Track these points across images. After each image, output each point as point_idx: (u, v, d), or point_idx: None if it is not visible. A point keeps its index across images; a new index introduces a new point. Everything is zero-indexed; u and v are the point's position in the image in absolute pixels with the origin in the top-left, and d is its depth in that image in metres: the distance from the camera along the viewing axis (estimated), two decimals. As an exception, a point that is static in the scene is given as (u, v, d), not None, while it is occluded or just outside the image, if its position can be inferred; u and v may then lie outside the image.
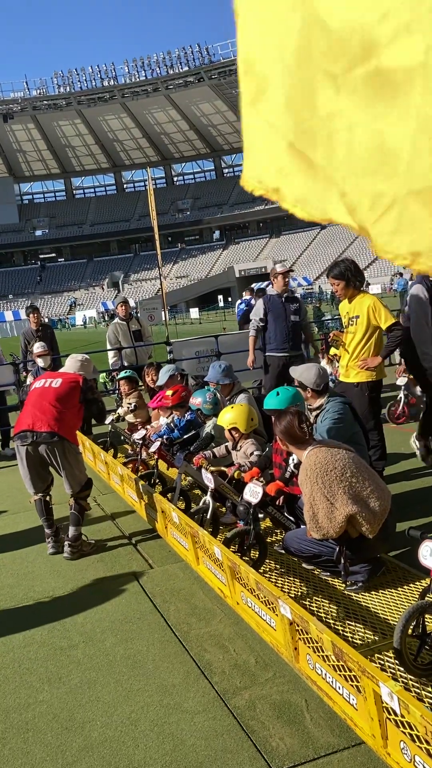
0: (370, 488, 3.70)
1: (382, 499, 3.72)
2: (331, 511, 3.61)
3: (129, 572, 4.89)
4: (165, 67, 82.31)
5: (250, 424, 5.10)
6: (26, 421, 5.29)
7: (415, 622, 2.90)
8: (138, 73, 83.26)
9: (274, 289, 7.80)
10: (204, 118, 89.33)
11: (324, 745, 2.79)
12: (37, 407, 5.31)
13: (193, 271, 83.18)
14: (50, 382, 5.48)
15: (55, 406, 5.29)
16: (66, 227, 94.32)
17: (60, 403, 5.32)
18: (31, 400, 5.45)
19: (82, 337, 42.22)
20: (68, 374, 5.64)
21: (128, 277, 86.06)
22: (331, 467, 3.68)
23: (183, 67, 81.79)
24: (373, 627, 3.46)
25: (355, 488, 3.67)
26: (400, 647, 2.83)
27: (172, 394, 6.49)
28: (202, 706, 3.17)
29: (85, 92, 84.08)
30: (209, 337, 11.27)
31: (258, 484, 4.21)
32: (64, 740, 3.05)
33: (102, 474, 7.80)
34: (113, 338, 10.32)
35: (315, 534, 3.69)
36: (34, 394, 5.47)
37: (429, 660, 2.94)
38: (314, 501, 3.65)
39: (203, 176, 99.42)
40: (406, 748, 2.44)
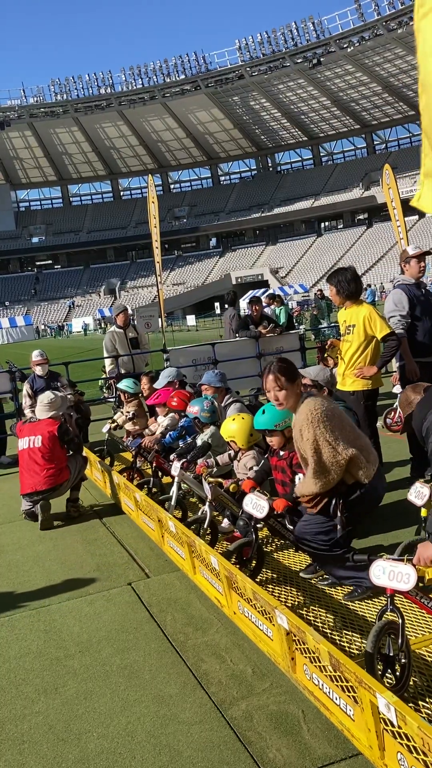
0: (363, 436, 4.00)
1: (372, 451, 3.97)
2: (334, 454, 3.72)
3: (125, 581, 4.87)
4: (162, 75, 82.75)
5: (249, 439, 5.09)
6: (28, 483, 6.43)
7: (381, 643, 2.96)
8: (135, 81, 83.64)
9: (407, 277, 6.40)
10: (200, 126, 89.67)
11: (321, 756, 2.78)
12: (31, 471, 6.42)
13: (190, 279, 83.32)
14: (32, 441, 6.48)
15: (45, 465, 6.39)
16: (63, 234, 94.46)
17: (47, 460, 6.40)
18: (24, 464, 6.50)
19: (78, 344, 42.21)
20: (44, 425, 6.53)
21: (125, 284, 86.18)
22: (331, 413, 3.81)
23: (180, 75, 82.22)
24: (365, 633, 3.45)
25: (352, 434, 3.87)
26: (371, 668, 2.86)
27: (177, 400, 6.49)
28: (199, 716, 3.15)
29: (82, 100, 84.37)
30: (206, 344, 11.28)
31: (262, 497, 4.10)
32: (59, 752, 3.03)
33: (98, 482, 7.78)
34: (110, 346, 10.32)
35: (316, 484, 3.73)
36: (24, 457, 6.50)
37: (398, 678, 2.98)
38: (318, 445, 3.73)
39: (200, 184, 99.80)
40: (404, 760, 2.43)
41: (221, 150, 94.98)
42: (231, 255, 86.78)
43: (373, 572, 2.95)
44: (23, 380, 10.09)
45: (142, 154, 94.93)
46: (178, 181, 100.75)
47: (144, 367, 10.47)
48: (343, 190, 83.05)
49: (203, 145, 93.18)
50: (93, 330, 68.18)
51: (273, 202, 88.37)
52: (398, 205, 12.02)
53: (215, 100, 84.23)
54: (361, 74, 77.15)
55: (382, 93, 79.67)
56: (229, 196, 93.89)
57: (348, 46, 73.28)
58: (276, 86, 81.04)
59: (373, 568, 2.95)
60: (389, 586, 2.89)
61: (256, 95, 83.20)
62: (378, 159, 80.00)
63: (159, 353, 11.58)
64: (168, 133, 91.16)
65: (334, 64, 76.26)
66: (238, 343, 11.12)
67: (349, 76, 78.01)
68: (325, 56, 75.00)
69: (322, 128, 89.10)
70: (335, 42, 73.62)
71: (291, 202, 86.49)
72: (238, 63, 79.84)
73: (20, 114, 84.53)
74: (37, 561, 5.55)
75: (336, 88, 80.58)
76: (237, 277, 77.84)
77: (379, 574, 2.92)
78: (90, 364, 16.03)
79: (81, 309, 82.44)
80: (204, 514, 4.98)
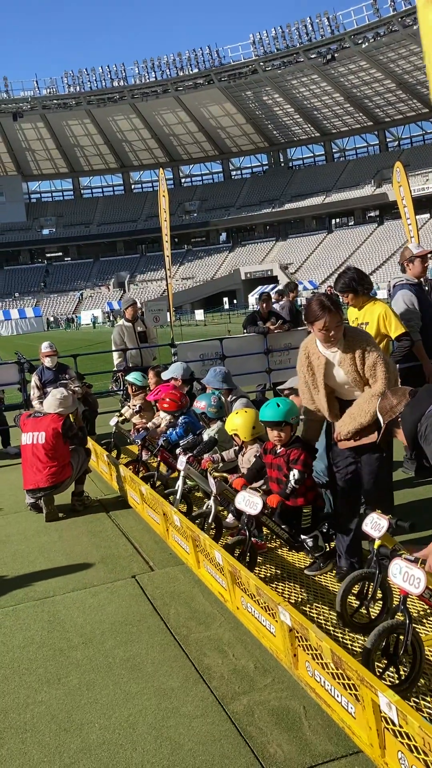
0: None
1: None
2: (392, 369, 4.18)
3: (129, 574, 4.89)
4: (175, 69, 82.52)
5: (252, 432, 5.09)
6: (31, 480, 6.45)
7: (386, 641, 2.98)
8: (148, 74, 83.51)
9: (411, 277, 6.33)
10: (213, 120, 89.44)
11: (321, 753, 2.79)
12: (33, 467, 6.43)
13: (199, 273, 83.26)
14: (36, 438, 6.47)
15: (48, 463, 6.40)
16: (73, 227, 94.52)
17: (50, 457, 6.41)
18: (26, 459, 6.52)
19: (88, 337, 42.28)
20: (48, 422, 6.52)
21: (134, 277, 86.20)
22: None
23: (193, 68, 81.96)
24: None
25: None
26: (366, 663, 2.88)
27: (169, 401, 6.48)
28: (201, 710, 3.17)
29: (94, 92, 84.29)
30: (214, 339, 11.27)
31: (255, 494, 4.18)
32: (62, 741, 3.05)
33: (105, 475, 7.81)
34: (119, 339, 10.33)
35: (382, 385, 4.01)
36: (27, 453, 6.51)
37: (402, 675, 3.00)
38: (384, 360, 4.10)
39: (211, 178, 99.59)
40: (404, 759, 2.44)
41: (233, 144, 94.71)
42: (241, 250, 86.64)
43: (391, 570, 2.96)
44: (32, 371, 10.12)
45: (154, 148, 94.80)
46: (190, 175, 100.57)
47: (152, 360, 10.48)
48: (355, 187, 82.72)
49: (215, 139, 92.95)
50: (102, 323, 68.26)
51: (284, 198, 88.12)
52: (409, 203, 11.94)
53: (228, 94, 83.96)
54: (375, 70, 76.69)
55: (395, 90, 79.19)
56: (240, 191, 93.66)
57: (363, 42, 72.85)
58: (289, 81, 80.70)
59: (392, 566, 2.95)
60: (402, 587, 2.89)
61: (269, 90, 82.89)
62: (390, 156, 79.54)
63: (167, 347, 11.58)
64: (180, 126, 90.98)
65: (348, 59, 75.83)
66: (246, 339, 11.11)
67: (363, 72, 77.55)
68: (339, 52, 74.61)
69: (334, 124, 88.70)
70: (350, 38, 73.21)
71: (302, 198, 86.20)
72: (251, 57, 79.54)
73: (33, 105, 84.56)
74: (42, 552, 5.57)
75: (349, 84, 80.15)
76: (246, 272, 77.70)
77: (395, 573, 2.92)
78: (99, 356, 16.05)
79: (90, 301, 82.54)
80: (209, 509, 4.99)
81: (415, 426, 3.18)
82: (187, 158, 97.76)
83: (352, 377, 4.11)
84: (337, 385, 4.22)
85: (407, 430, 3.24)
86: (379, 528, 3.39)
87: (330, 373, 4.18)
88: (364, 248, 74.46)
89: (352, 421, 4.08)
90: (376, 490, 4.20)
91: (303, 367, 4.29)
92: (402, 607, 2.94)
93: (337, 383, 4.21)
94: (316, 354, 4.20)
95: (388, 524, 3.35)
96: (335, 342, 4.09)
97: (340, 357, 4.13)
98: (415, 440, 3.21)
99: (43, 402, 7.45)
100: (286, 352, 10.60)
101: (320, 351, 4.19)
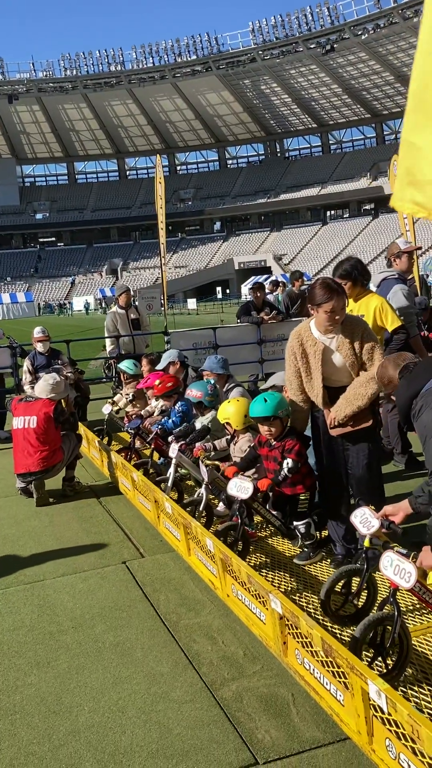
0: None
1: None
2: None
3: (120, 560, 4.90)
4: (173, 55, 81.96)
5: (244, 420, 5.10)
6: (22, 464, 6.42)
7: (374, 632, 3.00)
8: (145, 60, 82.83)
9: (397, 270, 6.40)
10: (210, 107, 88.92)
11: (309, 740, 2.82)
12: (24, 452, 6.40)
13: (193, 262, 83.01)
14: (27, 422, 6.43)
15: (39, 447, 6.37)
16: (67, 212, 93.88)
17: (41, 442, 6.38)
18: (18, 443, 6.49)
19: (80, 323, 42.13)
20: (39, 406, 6.49)
21: (127, 264, 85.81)
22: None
23: (191, 55, 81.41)
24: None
25: None
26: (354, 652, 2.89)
27: (159, 384, 6.51)
28: (190, 695, 3.19)
29: (91, 76, 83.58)
30: (208, 329, 11.26)
31: (245, 479, 4.22)
32: (51, 724, 3.07)
33: (96, 461, 7.80)
34: (111, 326, 10.31)
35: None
36: (18, 437, 6.48)
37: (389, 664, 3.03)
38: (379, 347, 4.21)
39: (206, 166, 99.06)
40: (392, 746, 2.47)
41: (229, 133, 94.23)
42: (235, 240, 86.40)
43: (382, 562, 2.97)
44: (24, 356, 10.09)
45: (150, 134, 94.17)
46: (185, 163, 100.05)
47: (145, 348, 10.46)
48: (351, 179, 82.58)
49: (212, 127, 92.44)
50: (94, 309, 68.00)
51: (279, 188, 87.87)
52: (406, 197, 11.93)
53: (226, 82, 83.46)
54: (374, 63, 76.39)
55: (394, 83, 78.91)
56: (235, 180, 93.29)
57: (362, 33, 72.52)
58: (288, 71, 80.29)
59: (384, 558, 2.97)
60: (393, 580, 2.91)
61: (267, 79, 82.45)
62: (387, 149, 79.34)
63: (160, 335, 11.57)
64: (177, 113, 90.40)
65: (347, 51, 75.49)
66: (239, 329, 11.12)
67: (362, 64, 77.24)
68: (339, 42, 74.25)
69: (332, 116, 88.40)
70: (349, 29, 72.85)
71: (297, 189, 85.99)
72: (250, 46, 79.05)
73: (29, 88, 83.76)
74: (32, 536, 5.58)
75: (348, 76, 79.82)
76: (240, 262, 77.56)
77: (386, 566, 2.94)
78: (91, 343, 16.02)
79: (82, 287, 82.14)
80: (200, 497, 5.00)
81: (410, 402, 3.17)
82: (183, 146, 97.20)
83: (350, 361, 4.14)
84: (331, 372, 4.24)
85: (401, 405, 3.23)
86: (369, 526, 3.35)
87: (327, 359, 4.19)
88: (359, 241, 74.42)
89: (349, 405, 4.10)
90: (369, 477, 4.22)
91: (295, 355, 4.29)
92: (391, 599, 2.96)
93: (332, 369, 4.23)
94: (312, 340, 4.21)
95: (379, 524, 3.31)
96: (338, 326, 4.12)
97: (338, 342, 4.15)
98: (408, 416, 3.20)
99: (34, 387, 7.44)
100: (279, 342, 10.61)
101: (316, 337, 4.20)
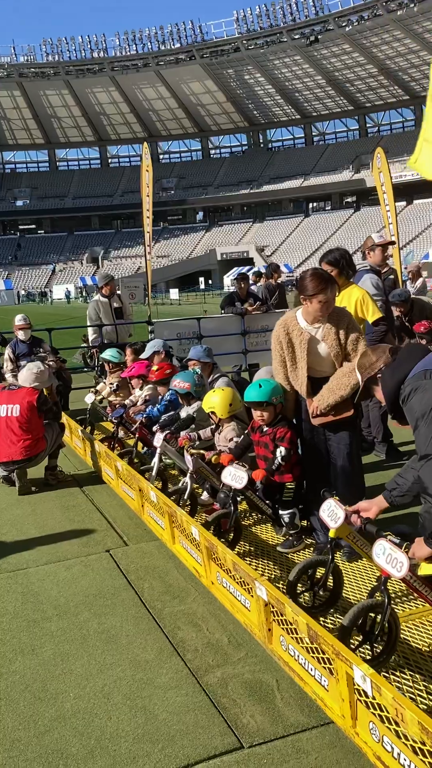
0: None
1: None
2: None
3: (103, 548, 4.91)
4: (156, 43, 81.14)
5: (228, 409, 5.12)
6: (4, 453, 6.36)
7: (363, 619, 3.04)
8: (129, 47, 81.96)
9: (370, 263, 6.51)
10: (193, 97, 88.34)
11: (294, 724, 2.86)
12: (7, 440, 6.34)
13: (175, 252, 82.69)
14: (10, 410, 6.38)
15: (22, 435, 6.32)
16: (47, 199, 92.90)
17: (24, 430, 6.33)
18: (0, 432, 6.40)
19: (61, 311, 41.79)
20: (23, 394, 6.43)
21: (108, 253, 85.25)
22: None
23: (175, 43, 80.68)
24: (344, 611, 3.52)
25: None
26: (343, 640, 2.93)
27: (157, 370, 6.49)
28: (175, 682, 3.22)
29: (74, 62, 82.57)
30: (191, 319, 11.25)
31: (241, 468, 4.23)
32: (36, 710, 3.08)
33: (78, 450, 7.78)
34: (94, 315, 10.25)
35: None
36: (1, 425, 6.40)
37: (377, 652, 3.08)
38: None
39: (189, 156, 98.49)
40: (375, 729, 2.51)
41: (213, 123, 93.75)
42: (217, 230, 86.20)
43: (374, 550, 3.00)
44: (5, 344, 10.02)
45: (133, 122, 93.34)
46: (168, 152, 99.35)
47: (127, 337, 10.42)
48: (333, 171, 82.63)
49: (195, 116, 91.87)
50: (75, 298, 67.51)
51: (262, 179, 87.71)
52: (389, 190, 11.96)
53: (209, 71, 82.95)
54: (357, 55, 76.35)
55: (377, 75, 79.02)
56: (218, 170, 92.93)
57: (347, 25, 72.36)
58: (272, 61, 79.98)
59: (376, 546, 2.99)
60: (385, 569, 2.94)
61: (251, 69, 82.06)
62: (369, 142, 79.62)
63: (143, 325, 11.53)
64: (160, 102, 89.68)
65: (331, 42, 75.35)
66: (223, 320, 11.12)
67: (346, 56, 77.15)
68: (323, 34, 74.08)
69: (315, 107, 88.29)
70: (334, 20, 72.66)
71: (280, 180, 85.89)
72: (234, 35, 78.58)
73: (9, 72, 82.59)
74: (15, 524, 5.56)
75: (332, 68, 79.71)
76: (222, 253, 77.44)
77: (379, 554, 2.96)
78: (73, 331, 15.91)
79: (62, 275, 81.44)
80: (185, 486, 5.02)
81: (397, 388, 3.13)
82: (166, 134, 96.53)
83: (335, 351, 4.20)
84: (316, 362, 4.28)
85: (388, 392, 3.19)
86: (335, 518, 3.36)
87: (312, 349, 4.24)
88: (340, 233, 74.60)
89: (331, 395, 4.14)
90: (350, 467, 4.28)
91: (281, 345, 4.33)
92: (382, 587, 3.00)
93: (316, 359, 4.27)
94: (298, 330, 4.24)
95: (345, 515, 3.32)
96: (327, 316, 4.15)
97: (324, 332, 4.20)
98: (395, 403, 3.16)
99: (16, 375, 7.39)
100: (263, 333, 10.64)
101: (302, 327, 4.24)
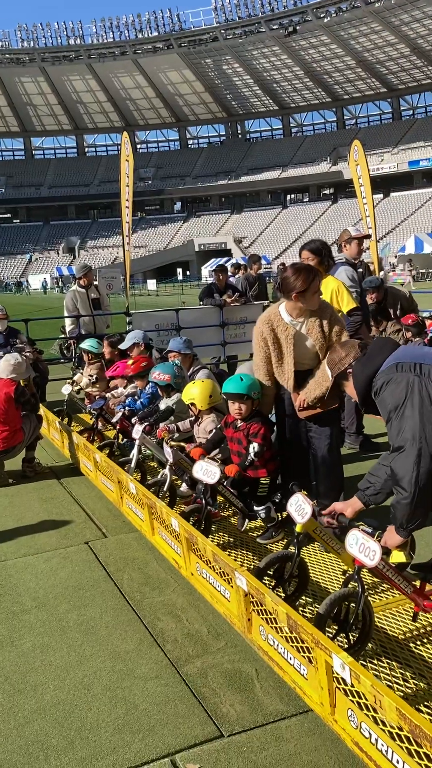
0: None
1: None
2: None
3: (82, 540, 4.90)
4: (134, 30, 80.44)
5: (209, 400, 5.13)
6: None
7: (338, 609, 3.09)
8: (106, 35, 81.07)
9: (345, 256, 6.60)
10: (171, 86, 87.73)
11: (273, 712, 2.89)
12: None
13: (152, 242, 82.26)
14: None
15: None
16: (23, 188, 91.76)
17: (1, 422, 6.31)
18: None
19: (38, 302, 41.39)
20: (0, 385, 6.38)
21: (85, 243, 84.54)
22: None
23: (152, 32, 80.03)
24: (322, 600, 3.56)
25: None
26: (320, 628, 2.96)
27: (133, 364, 6.48)
28: (155, 672, 3.23)
29: (49, 49, 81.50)
30: (170, 310, 11.22)
31: (213, 463, 4.25)
32: (16, 702, 3.07)
33: (56, 442, 7.74)
34: (71, 306, 10.18)
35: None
36: None
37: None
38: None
39: (167, 146, 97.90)
40: (354, 716, 2.55)
41: (191, 113, 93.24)
42: (195, 221, 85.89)
43: (347, 540, 3.03)
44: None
45: (110, 111, 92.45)
46: (145, 142, 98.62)
47: (105, 328, 10.37)
48: (311, 163, 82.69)
49: (173, 106, 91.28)
50: (51, 288, 66.89)
51: (240, 170, 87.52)
52: (366, 182, 12.00)
53: (188, 60, 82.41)
54: (335, 46, 76.37)
55: (355, 67, 79.15)
56: (196, 160, 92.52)
57: (325, 16, 72.31)
58: (250, 52, 79.68)
59: (349, 536, 3.02)
60: (358, 558, 2.98)
61: (229, 59, 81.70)
62: (347, 134, 79.75)
63: (121, 316, 11.48)
64: (137, 91, 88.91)
65: (309, 33, 75.25)
66: (202, 311, 11.10)
67: (324, 47, 77.13)
68: (302, 25, 73.94)
69: (293, 98, 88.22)
70: (312, 11, 72.57)
71: (258, 171, 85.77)
72: (213, 24, 78.13)
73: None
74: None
75: (310, 59, 79.65)
76: (200, 243, 77.18)
77: (352, 543, 3.00)
78: (50, 322, 15.79)
79: (38, 265, 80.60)
80: (164, 478, 5.02)
81: (369, 381, 3.16)
82: (144, 124, 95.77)
83: (320, 344, 4.23)
84: (301, 356, 4.29)
85: (359, 386, 3.20)
86: (302, 513, 3.37)
87: (298, 343, 4.25)
88: (318, 225, 74.75)
89: (318, 387, 4.17)
90: (330, 459, 4.32)
91: (265, 341, 4.33)
92: (356, 576, 3.04)
93: (302, 353, 4.29)
94: (283, 325, 4.25)
95: (311, 510, 3.35)
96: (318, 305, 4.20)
97: (308, 325, 4.22)
98: (366, 396, 3.19)
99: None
100: (242, 325, 10.65)
101: (287, 321, 4.25)
